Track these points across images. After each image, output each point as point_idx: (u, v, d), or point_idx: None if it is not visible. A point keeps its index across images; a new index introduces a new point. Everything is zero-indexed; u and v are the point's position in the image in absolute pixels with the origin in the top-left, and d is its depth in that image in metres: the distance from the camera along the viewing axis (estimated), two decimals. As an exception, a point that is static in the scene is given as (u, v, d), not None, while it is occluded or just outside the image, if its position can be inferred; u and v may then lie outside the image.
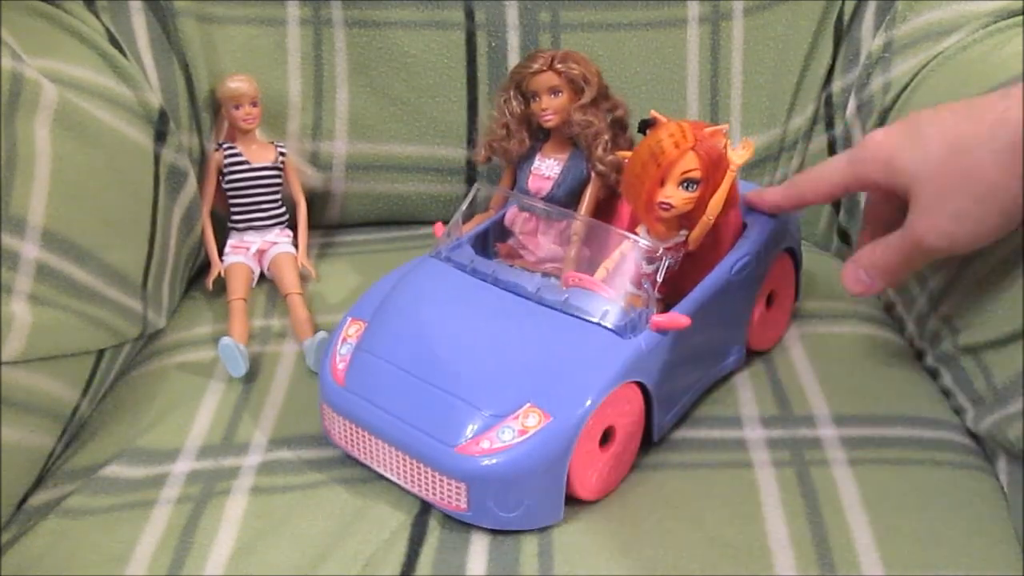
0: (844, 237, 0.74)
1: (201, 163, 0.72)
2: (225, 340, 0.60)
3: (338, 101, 0.76)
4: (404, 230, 0.79)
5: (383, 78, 0.75)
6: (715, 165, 0.52)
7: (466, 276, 0.55)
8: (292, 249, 0.72)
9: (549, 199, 0.61)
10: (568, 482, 0.48)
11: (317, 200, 0.78)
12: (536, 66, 0.60)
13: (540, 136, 0.63)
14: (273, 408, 0.58)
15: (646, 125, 0.55)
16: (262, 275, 0.72)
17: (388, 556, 0.47)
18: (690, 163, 0.52)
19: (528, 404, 0.48)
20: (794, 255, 0.63)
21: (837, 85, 0.75)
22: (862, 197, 0.71)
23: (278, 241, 0.72)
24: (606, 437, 0.50)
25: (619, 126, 0.62)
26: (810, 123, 0.77)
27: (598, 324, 0.51)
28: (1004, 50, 0.62)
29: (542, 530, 0.48)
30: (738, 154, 0.53)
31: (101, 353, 0.59)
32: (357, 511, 0.50)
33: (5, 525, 0.51)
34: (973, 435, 0.55)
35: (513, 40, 0.74)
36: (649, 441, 0.53)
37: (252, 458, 0.54)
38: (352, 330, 0.55)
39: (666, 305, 0.54)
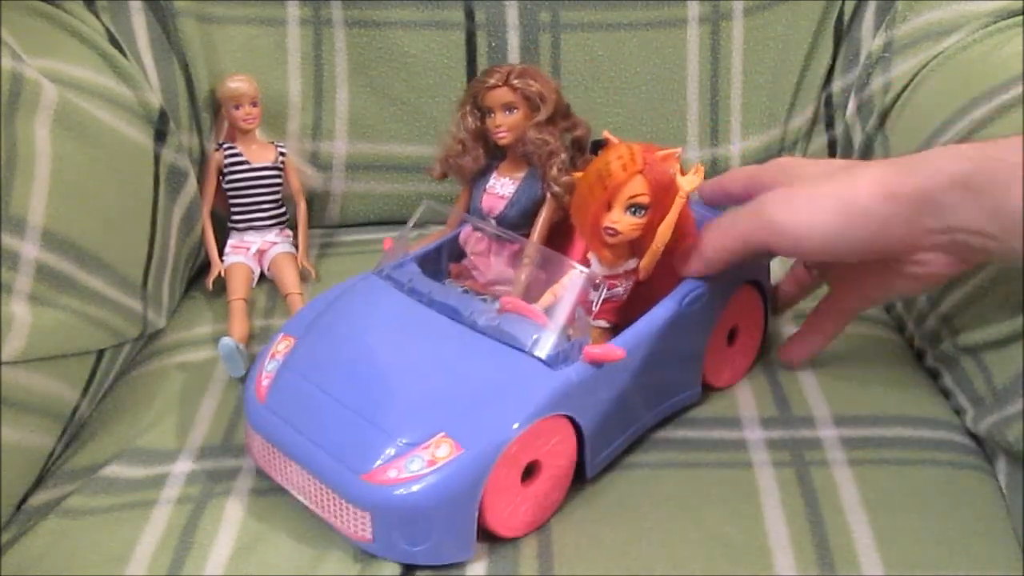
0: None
1: (201, 163, 0.73)
2: (225, 340, 0.60)
3: (338, 101, 0.76)
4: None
5: (383, 78, 0.75)
6: (665, 190, 0.50)
7: (403, 296, 0.53)
8: (292, 249, 0.72)
9: (501, 219, 0.59)
10: (485, 518, 0.46)
11: (317, 200, 0.78)
12: (491, 81, 0.58)
13: (498, 154, 0.61)
14: (273, 408, 0.58)
15: (598, 146, 0.53)
16: (262, 275, 0.72)
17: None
18: (638, 187, 0.49)
19: (441, 434, 0.45)
20: (761, 288, 0.59)
21: (837, 85, 0.75)
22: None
23: (278, 241, 0.72)
24: (530, 472, 0.47)
25: (578, 147, 0.60)
26: (810, 123, 0.77)
27: (527, 353, 0.48)
28: (1004, 50, 0.62)
29: (542, 530, 0.48)
30: (688, 180, 0.50)
31: (101, 353, 0.59)
32: (357, 511, 0.50)
33: (5, 525, 0.51)
34: (973, 435, 0.55)
35: (513, 40, 0.74)
36: (582, 478, 0.50)
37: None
38: (282, 346, 0.53)
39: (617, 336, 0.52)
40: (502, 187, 0.60)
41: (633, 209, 0.50)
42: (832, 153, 0.76)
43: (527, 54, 0.74)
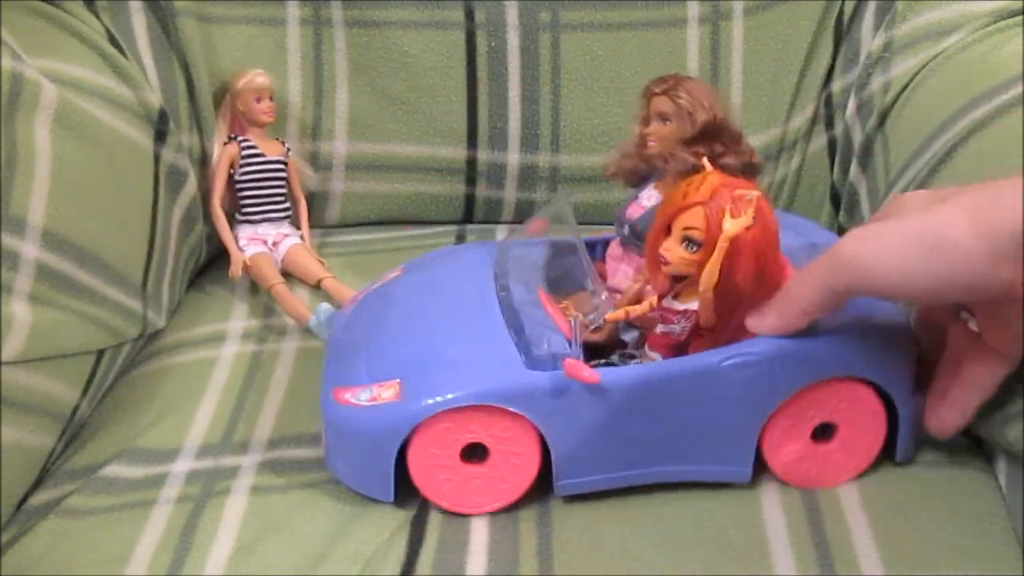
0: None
1: (202, 163, 0.73)
2: (324, 305, 0.63)
3: (338, 101, 0.76)
4: (404, 230, 0.79)
5: (383, 78, 0.75)
6: (720, 231, 0.46)
7: (480, 266, 0.56)
8: (301, 242, 0.73)
9: (633, 228, 0.56)
10: (415, 478, 0.48)
11: (317, 200, 0.78)
12: (656, 88, 0.55)
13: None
14: (273, 408, 0.58)
15: (696, 170, 0.50)
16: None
17: (388, 556, 0.47)
18: (693, 219, 0.45)
19: (397, 380, 0.48)
20: (883, 394, 0.49)
21: (837, 85, 0.75)
22: (862, 196, 0.71)
23: (289, 233, 0.73)
24: (477, 453, 0.48)
25: (748, 174, 0.54)
26: (810, 123, 0.77)
27: (518, 344, 0.49)
28: (1004, 50, 0.62)
29: (541, 530, 0.48)
30: (734, 223, 0.44)
31: (101, 353, 0.59)
32: (357, 511, 0.50)
33: (5, 525, 0.51)
34: (973, 435, 0.55)
35: (513, 40, 0.74)
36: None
37: (252, 458, 0.54)
38: (393, 274, 0.59)
39: None
40: (648, 198, 0.57)
41: (687, 243, 0.46)
42: (832, 153, 0.76)
43: (527, 54, 0.74)
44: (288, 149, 0.73)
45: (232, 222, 0.72)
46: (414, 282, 0.57)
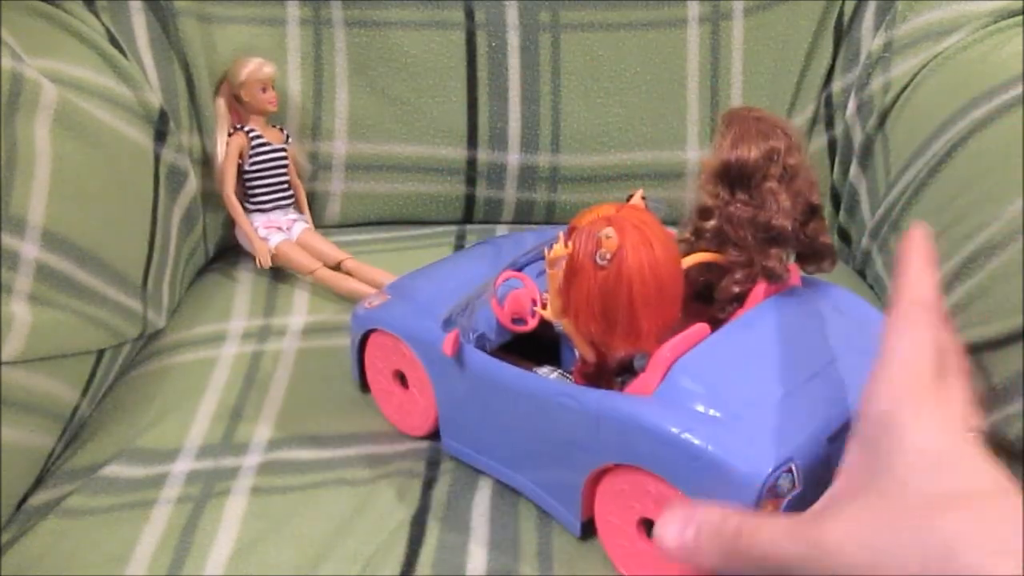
0: (844, 236, 0.74)
1: (203, 163, 0.73)
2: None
3: (338, 101, 0.76)
4: (404, 230, 0.79)
5: (383, 78, 0.75)
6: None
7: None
8: (308, 225, 0.74)
9: None
10: (371, 379, 0.57)
11: (317, 200, 0.78)
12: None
13: None
14: (273, 408, 0.58)
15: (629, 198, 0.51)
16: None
17: (388, 556, 0.47)
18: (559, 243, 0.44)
19: (387, 294, 0.57)
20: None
21: (837, 85, 0.75)
22: (863, 197, 0.71)
23: (297, 218, 0.73)
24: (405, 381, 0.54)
25: (770, 238, 0.47)
26: (810, 123, 0.77)
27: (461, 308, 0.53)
28: (1004, 50, 0.62)
29: (541, 530, 0.48)
30: (555, 247, 0.43)
31: (101, 353, 0.59)
32: (357, 511, 0.50)
33: (5, 525, 0.51)
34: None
35: (513, 40, 0.74)
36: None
37: (252, 458, 0.54)
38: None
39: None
40: None
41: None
42: (832, 153, 0.76)
43: (527, 54, 0.74)
44: (287, 136, 0.74)
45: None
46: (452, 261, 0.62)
